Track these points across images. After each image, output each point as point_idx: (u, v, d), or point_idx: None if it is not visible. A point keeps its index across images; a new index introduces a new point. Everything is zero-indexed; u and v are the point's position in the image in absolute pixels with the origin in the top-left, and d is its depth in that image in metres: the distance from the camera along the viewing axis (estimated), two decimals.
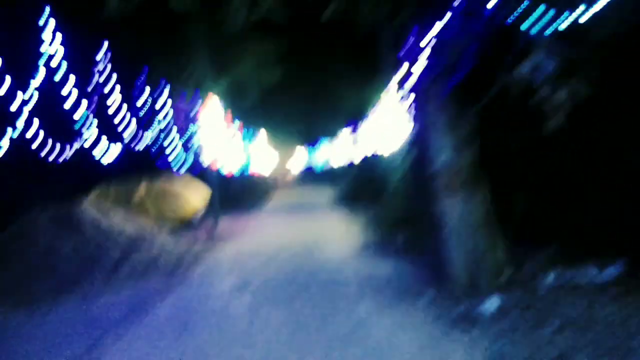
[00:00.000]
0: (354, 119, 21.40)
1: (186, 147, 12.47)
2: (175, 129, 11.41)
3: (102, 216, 10.64)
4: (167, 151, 10.43)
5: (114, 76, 7.20)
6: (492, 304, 5.17)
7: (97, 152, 7.32)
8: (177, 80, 11.27)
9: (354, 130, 21.51)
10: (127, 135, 7.69)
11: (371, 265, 7.70)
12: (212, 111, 12.96)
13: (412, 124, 8.49)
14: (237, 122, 18.93)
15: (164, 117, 9.51)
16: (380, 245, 9.28)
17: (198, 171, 13.17)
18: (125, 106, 7.38)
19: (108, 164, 7.32)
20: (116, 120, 7.68)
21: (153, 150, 9.33)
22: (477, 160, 5.81)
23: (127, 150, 7.98)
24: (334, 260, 8.21)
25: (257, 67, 16.92)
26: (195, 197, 14.11)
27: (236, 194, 24.41)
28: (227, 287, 7.04)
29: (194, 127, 12.73)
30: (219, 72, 14.98)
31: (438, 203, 6.02)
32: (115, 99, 7.24)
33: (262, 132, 29.81)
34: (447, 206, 5.89)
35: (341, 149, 25.76)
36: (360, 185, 17.95)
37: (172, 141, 10.74)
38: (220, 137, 15.36)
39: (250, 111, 25.43)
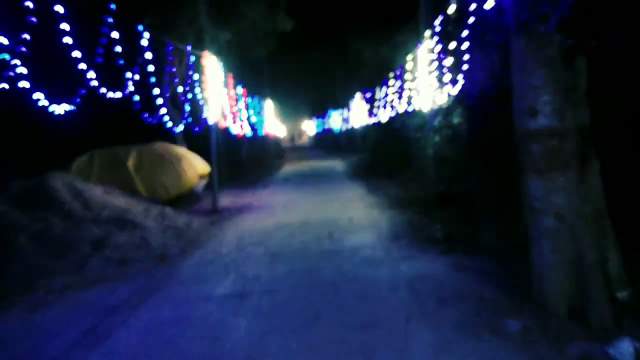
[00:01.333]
0: (371, 85, 19.23)
1: (184, 101, 10.57)
2: (168, 79, 9.48)
3: (82, 190, 8.90)
4: (158, 102, 8.51)
5: None
6: (622, 349, 3.34)
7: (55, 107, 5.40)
8: (169, 26, 9.38)
9: (372, 95, 19.37)
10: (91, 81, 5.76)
11: (410, 266, 5.84)
12: (212, 68, 11.01)
13: (468, 72, 6.58)
14: (241, 89, 16.96)
15: (146, 63, 7.56)
16: (417, 233, 7.42)
17: (201, 129, 11.29)
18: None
19: (62, 116, 5.43)
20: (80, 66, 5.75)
21: (135, 100, 7.40)
22: (588, 126, 3.88)
23: (94, 100, 6.08)
24: (360, 256, 6.37)
25: (268, 15, 14.86)
26: (196, 162, 12.31)
27: (247, 159, 22.69)
28: (223, 290, 5.28)
29: (193, 81, 10.81)
30: (223, 20, 12.99)
31: (523, 183, 4.14)
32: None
33: (269, 103, 27.74)
34: (539, 190, 3.99)
35: (360, 113, 23.60)
36: (388, 149, 15.93)
37: (163, 92, 8.83)
38: (224, 95, 13.47)
39: (256, 79, 23.47)
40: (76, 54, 5.67)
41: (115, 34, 6.24)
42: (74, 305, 5.25)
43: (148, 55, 7.54)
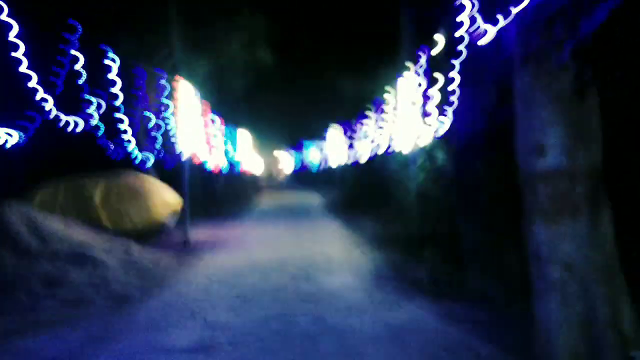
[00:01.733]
0: (351, 117, 19.00)
1: (155, 132, 10.01)
2: (139, 106, 8.95)
3: (40, 223, 8.21)
4: (125, 138, 7.95)
5: None
6: None
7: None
8: (141, 53, 8.94)
9: (350, 128, 19.13)
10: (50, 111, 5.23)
11: (396, 315, 5.32)
12: (187, 98, 10.55)
13: (457, 109, 6.25)
14: (218, 118, 16.53)
15: (114, 93, 7.06)
16: (401, 275, 6.94)
17: (174, 164, 10.69)
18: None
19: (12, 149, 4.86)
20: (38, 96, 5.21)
21: (99, 134, 6.86)
22: (600, 167, 3.50)
23: (51, 133, 5.53)
24: (340, 301, 5.84)
25: (245, 47, 14.56)
26: (168, 196, 11.69)
27: (223, 194, 22.03)
28: (188, 341, 4.67)
29: (167, 113, 10.31)
30: (199, 51, 12.63)
31: (527, 229, 3.72)
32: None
33: (246, 133, 27.33)
34: (545, 236, 3.57)
35: (337, 149, 23.27)
36: (366, 189, 15.57)
37: (132, 125, 8.29)
38: (199, 128, 12.98)
39: (232, 108, 23.09)
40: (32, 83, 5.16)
41: (78, 56, 5.76)
42: (14, 355, 4.58)
43: (116, 79, 7.06)
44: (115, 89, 7.27)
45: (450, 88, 6.17)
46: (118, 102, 7.41)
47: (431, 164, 8.44)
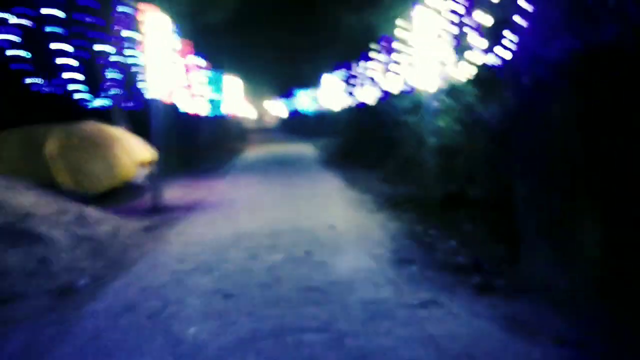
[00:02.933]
0: (350, 59, 16.95)
1: (113, 74, 8.12)
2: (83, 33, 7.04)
3: None
4: (68, 76, 6.10)
5: None
6: None
7: None
8: None
9: (350, 72, 17.15)
10: None
11: (438, 323, 3.75)
12: (158, 31, 8.58)
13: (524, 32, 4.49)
14: (203, 61, 14.52)
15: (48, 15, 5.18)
16: (429, 254, 5.37)
17: (139, 105, 8.85)
18: None
19: None
20: None
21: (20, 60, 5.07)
22: None
23: None
24: (357, 298, 4.26)
25: None
26: (136, 147, 9.92)
27: (205, 143, 20.17)
28: (152, 346, 3.11)
29: (133, 49, 8.40)
30: None
31: None
32: None
33: (236, 80, 25.13)
34: None
35: (335, 94, 21.23)
36: (370, 137, 13.85)
37: (80, 60, 6.42)
38: (177, 68, 11.06)
39: (220, 51, 20.94)
40: None
41: None
42: None
43: None
44: (49, 10, 5.36)
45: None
46: (52, 29, 5.51)
47: (462, 106, 6.74)
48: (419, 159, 9.32)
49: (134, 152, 9.76)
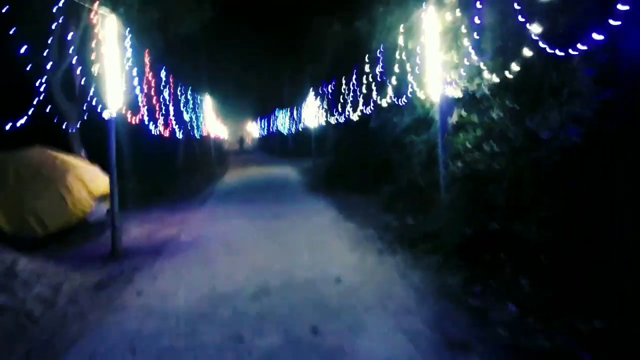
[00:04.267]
0: (335, 76, 15.56)
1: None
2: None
3: None
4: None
5: None
6: None
7: None
8: None
9: (334, 89, 15.73)
10: None
11: None
12: (114, 39, 7.03)
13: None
14: (167, 75, 13.02)
15: None
16: (488, 328, 3.87)
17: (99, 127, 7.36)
18: None
19: None
20: None
21: None
22: None
23: None
24: None
25: None
26: (93, 177, 8.27)
27: (179, 167, 18.58)
28: None
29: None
30: None
31: None
32: None
33: (207, 100, 23.57)
34: None
35: (315, 113, 19.73)
36: (356, 157, 12.42)
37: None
38: (138, 81, 9.53)
39: (192, 70, 19.54)
40: None
41: None
42: None
43: None
44: None
45: None
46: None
47: (498, 119, 5.33)
48: (427, 185, 7.91)
49: (91, 183, 8.14)
